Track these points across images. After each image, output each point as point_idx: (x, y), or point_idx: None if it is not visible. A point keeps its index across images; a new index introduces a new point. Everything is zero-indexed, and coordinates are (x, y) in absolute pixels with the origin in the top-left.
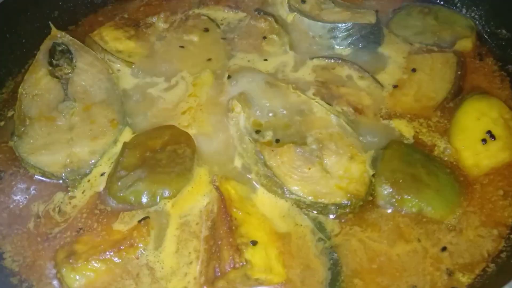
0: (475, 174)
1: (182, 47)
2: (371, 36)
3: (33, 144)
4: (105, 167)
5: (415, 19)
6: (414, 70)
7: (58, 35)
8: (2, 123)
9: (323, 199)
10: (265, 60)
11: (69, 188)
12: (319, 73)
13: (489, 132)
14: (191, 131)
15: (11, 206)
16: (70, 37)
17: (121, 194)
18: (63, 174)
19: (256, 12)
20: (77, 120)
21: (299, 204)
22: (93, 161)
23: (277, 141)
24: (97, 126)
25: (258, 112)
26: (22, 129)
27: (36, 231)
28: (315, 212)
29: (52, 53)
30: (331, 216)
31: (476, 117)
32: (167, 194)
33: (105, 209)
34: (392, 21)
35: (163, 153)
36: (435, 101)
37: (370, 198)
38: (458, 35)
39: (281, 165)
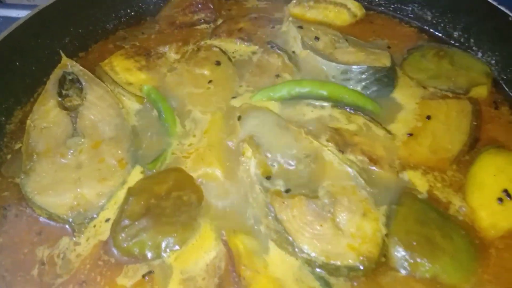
0: (491, 236)
1: (193, 80)
2: (385, 80)
3: (39, 183)
4: (111, 211)
5: (430, 61)
6: (429, 117)
7: (68, 64)
8: (9, 156)
9: (335, 261)
10: None
11: (75, 233)
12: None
13: (505, 190)
14: (199, 173)
15: (16, 249)
16: (81, 67)
17: (125, 245)
18: (70, 218)
19: (269, 46)
20: (85, 158)
21: (310, 263)
22: (100, 204)
23: (288, 191)
24: (106, 166)
25: (268, 156)
26: (29, 165)
27: (40, 279)
28: (326, 273)
29: (61, 82)
30: (342, 279)
31: (492, 173)
32: (171, 245)
33: (109, 260)
34: (406, 62)
35: (168, 201)
36: (451, 154)
37: (383, 259)
38: (474, 81)
39: (292, 219)
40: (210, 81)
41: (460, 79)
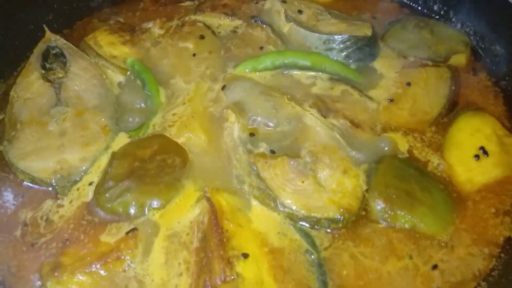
0: (467, 190)
1: (177, 53)
2: (366, 49)
3: (23, 150)
4: (95, 175)
5: (410, 32)
6: (409, 84)
7: (52, 39)
8: None
9: (315, 213)
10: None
11: (58, 196)
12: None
13: (482, 148)
14: (183, 140)
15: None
16: (65, 41)
17: (109, 205)
18: (53, 181)
19: (253, 20)
20: (68, 125)
21: (292, 217)
22: (83, 168)
23: (272, 152)
24: (89, 132)
25: (252, 122)
26: (13, 133)
27: (23, 239)
28: (308, 225)
29: (45, 56)
30: (324, 230)
31: (469, 133)
32: (155, 205)
33: (92, 220)
34: (387, 34)
35: (152, 163)
36: (430, 116)
37: (364, 213)
38: (453, 50)
39: (275, 177)
40: (194, 54)
41: (439, 48)
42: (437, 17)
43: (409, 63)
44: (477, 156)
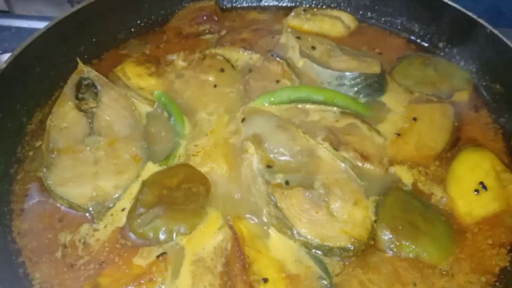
0: (467, 223)
1: (199, 85)
2: (375, 85)
3: (60, 176)
4: (127, 201)
5: (416, 69)
6: (415, 119)
7: (84, 70)
8: (31, 153)
9: (328, 243)
10: None
11: (94, 220)
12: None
13: (481, 183)
14: (206, 170)
15: (40, 235)
16: (96, 73)
17: (141, 230)
18: (90, 207)
19: (270, 54)
20: (102, 154)
21: (307, 245)
22: (117, 195)
23: (287, 183)
24: (121, 161)
25: (270, 154)
26: (51, 160)
27: (63, 260)
28: (321, 253)
29: (78, 87)
30: (336, 258)
31: (470, 168)
32: (182, 230)
33: (125, 243)
34: (395, 70)
35: (178, 191)
36: (435, 151)
37: (372, 242)
38: (456, 87)
39: (291, 207)
40: (215, 86)
41: (443, 85)
42: (441, 54)
43: (415, 99)
44: (477, 191)
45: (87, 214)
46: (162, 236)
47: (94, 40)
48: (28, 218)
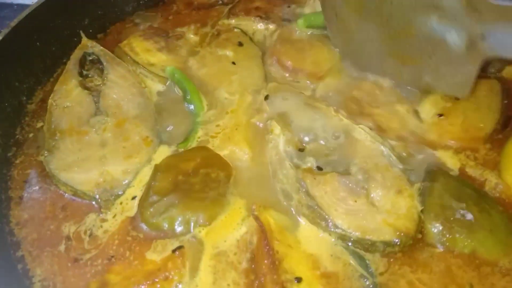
0: None
1: (216, 62)
2: None
3: (64, 160)
4: (137, 188)
5: None
6: (457, 98)
7: (89, 45)
8: (31, 134)
9: (371, 236)
10: None
11: (102, 210)
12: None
13: None
14: (226, 153)
15: (41, 225)
16: (101, 48)
17: (154, 221)
18: (96, 194)
19: (285, 20)
20: (109, 136)
21: (344, 238)
22: (126, 181)
23: (319, 168)
24: (130, 143)
25: (298, 135)
26: (53, 143)
27: (67, 255)
28: (360, 249)
29: (82, 63)
30: (377, 255)
31: None
32: (201, 221)
33: (137, 236)
34: None
35: (196, 177)
36: (484, 132)
37: (420, 235)
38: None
39: (325, 195)
40: (233, 63)
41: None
42: None
43: None
44: None
45: (94, 203)
46: (178, 228)
47: (99, 12)
48: (28, 207)
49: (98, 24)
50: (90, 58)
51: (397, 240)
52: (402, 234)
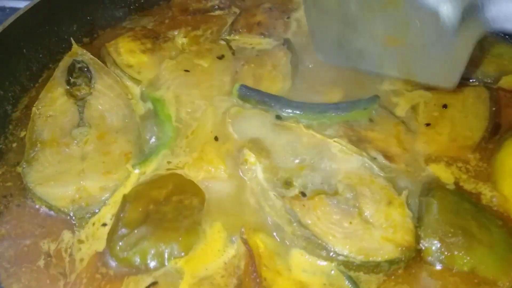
0: None
1: (187, 71)
2: None
3: (41, 173)
4: (114, 208)
5: None
6: (445, 106)
7: (78, 52)
8: (15, 144)
9: (374, 257)
10: None
11: (75, 228)
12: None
13: None
14: (203, 175)
15: (18, 241)
16: (91, 56)
17: (125, 255)
18: (71, 211)
19: (282, 43)
20: (90, 149)
21: (348, 265)
22: (103, 198)
23: (303, 194)
24: (111, 158)
25: (275, 160)
26: (32, 154)
27: (47, 271)
28: (365, 272)
29: (70, 70)
30: (381, 275)
31: None
32: (176, 253)
33: (107, 273)
34: None
35: (168, 205)
36: (473, 141)
37: (419, 247)
38: (505, 69)
39: (318, 222)
40: (207, 75)
41: (489, 67)
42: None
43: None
44: None
45: (68, 218)
46: (151, 262)
47: (88, 18)
48: (5, 222)
49: (87, 30)
50: (79, 66)
51: (401, 256)
52: (404, 248)
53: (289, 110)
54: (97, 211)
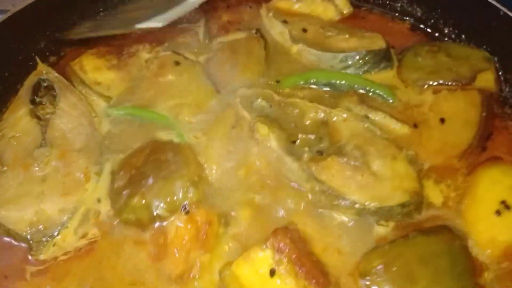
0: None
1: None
2: (383, 61)
3: (2, 196)
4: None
5: (425, 58)
6: (434, 112)
7: (44, 71)
8: None
9: (387, 203)
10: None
11: (32, 253)
12: None
13: (503, 202)
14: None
15: None
16: (56, 74)
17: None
18: (28, 235)
19: (254, 31)
20: (50, 170)
21: (363, 212)
22: (61, 221)
23: (319, 153)
24: (71, 179)
25: (284, 130)
26: None
27: None
28: (378, 219)
29: (36, 89)
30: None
31: (488, 186)
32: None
33: None
34: (401, 65)
35: (146, 166)
36: (460, 148)
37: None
38: (477, 67)
39: (333, 178)
40: (177, 81)
41: (462, 68)
42: (449, 40)
43: (433, 89)
44: (498, 212)
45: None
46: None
47: (56, 35)
48: None
49: (55, 47)
50: (45, 84)
51: (411, 200)
52: (413, 193)
53: None
54: (55, 234)
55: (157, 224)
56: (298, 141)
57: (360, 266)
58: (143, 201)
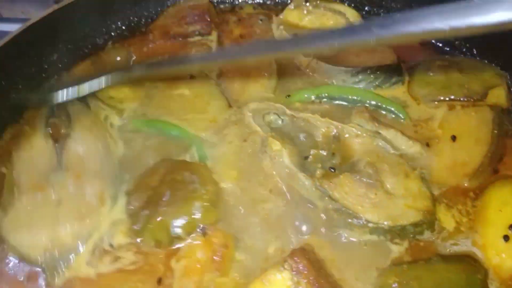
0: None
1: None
2: (394, 75)
3: (16, 220)
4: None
5: (437, 73)
6: (446, 129)
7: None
8: None
9: (400, 222)
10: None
11: (46, 278)
12: None
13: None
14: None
15: None
16: None
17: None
18: (41, 260)
19: None
20: (65, 194)
21: (376, 231)
22: (76, 246)
23: (332, 169)
24: (86, 203)
25: (298, 147)
26: (9, 199)
27: None
28: (391, 237)
29: (51, 110)
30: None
31: (497, 208)
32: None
33: None
34: (412, 80)
35: (163, 186)
36: (470, 168)
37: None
38: (489, 83)
39: (346, 196)
40: (196, 97)
41: (473, 84)
42: (461, 55)
43: (441, 106)
44: (506, 237)
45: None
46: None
47: (69, 47)
48: None
49: (68, 59)
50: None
51: (424, 219)
52: (426, 212)
53: None
54: (70, 259)
55: (175, 246)
56: (310, 156)
57: (375, 282)
58: (163, 222)
